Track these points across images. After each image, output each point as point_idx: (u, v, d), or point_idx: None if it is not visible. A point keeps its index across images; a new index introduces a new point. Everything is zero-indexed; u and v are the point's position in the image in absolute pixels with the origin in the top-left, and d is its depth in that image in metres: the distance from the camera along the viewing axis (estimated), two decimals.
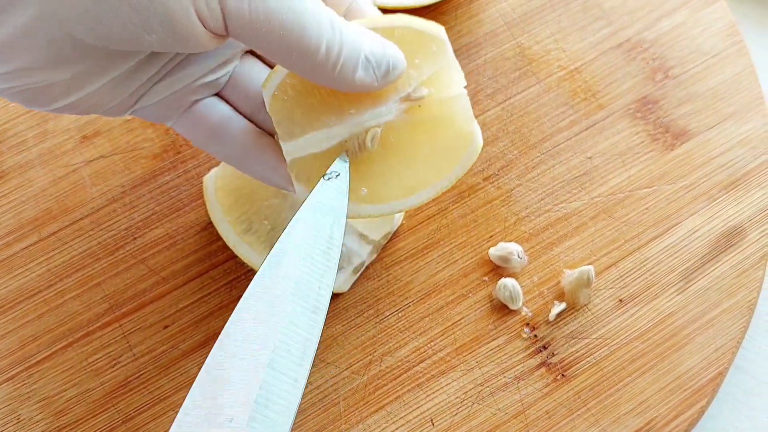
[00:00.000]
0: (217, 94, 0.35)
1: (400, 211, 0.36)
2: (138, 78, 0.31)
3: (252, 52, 0.35)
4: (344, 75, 0.29)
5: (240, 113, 0.35)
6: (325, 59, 0.29)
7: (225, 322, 0.39)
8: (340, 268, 0.39)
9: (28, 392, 0.38)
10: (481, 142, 0.33)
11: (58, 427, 0.38)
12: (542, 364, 0.38)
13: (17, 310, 0.40)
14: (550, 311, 0.39)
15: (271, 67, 0.35)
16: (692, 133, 0.43)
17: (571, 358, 0.38)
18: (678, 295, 0.39)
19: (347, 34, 0.29)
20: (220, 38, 0.29)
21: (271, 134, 0.35)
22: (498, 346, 0.39)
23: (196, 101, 0.34)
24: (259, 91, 0.34)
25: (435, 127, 0.33)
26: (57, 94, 0.29)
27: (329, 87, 0.31)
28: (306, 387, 0.37)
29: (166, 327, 0.40)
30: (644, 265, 0.40)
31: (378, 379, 0.38)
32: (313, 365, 0.29)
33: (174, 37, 0.27)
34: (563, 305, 0.39)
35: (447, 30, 0.46)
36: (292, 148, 0.33)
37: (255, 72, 0.35)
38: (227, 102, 0.35)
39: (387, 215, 0.35)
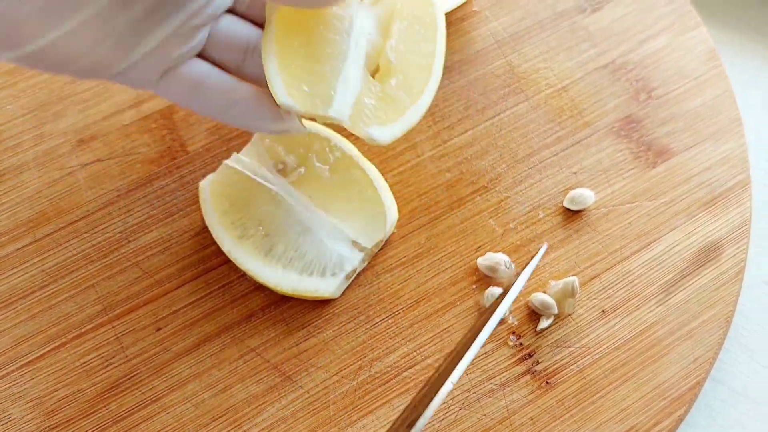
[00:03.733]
0: (198, 56, 0.35)
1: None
2: (125, 16, 0.29)
3: (231, 11, 0.36)
4: None
5: (224, 69, 0.35)
6: None
7: (218, 326, 0.40)
8: (332, 274, 0.40)
9: (19, 392, 0.39)
10: None
11: (49, 426, 0.38)
12: (527, 371, 0.39)
13: (10, 310, 0.40)
14: (536, 320, 0.40)
15: (252, 21, 0.36)
16: (673, 152, 0.45)
17: (556, 366, 0.39)
18: (658, 306, 0.41)
19: None
20: None
21: (258, 84, 0.35)
22: (485, 353, 0.40)
23: (177, 66, 0.34)
24: (240, 44, 0.35)
25: (410, 21, 0.35)
26: (27, 32, 0.25)
27: None
28: (297, 390, 0.38)
29: (159, 329, 0.40)
30: (626, 278, 0.42)
31: (367, 383, 0.39)
32: None
33: None
34: (551, 318, 0.40)
35: None
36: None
37: (235, 26, 0.35)
38: (209, 61, 0.35)
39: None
